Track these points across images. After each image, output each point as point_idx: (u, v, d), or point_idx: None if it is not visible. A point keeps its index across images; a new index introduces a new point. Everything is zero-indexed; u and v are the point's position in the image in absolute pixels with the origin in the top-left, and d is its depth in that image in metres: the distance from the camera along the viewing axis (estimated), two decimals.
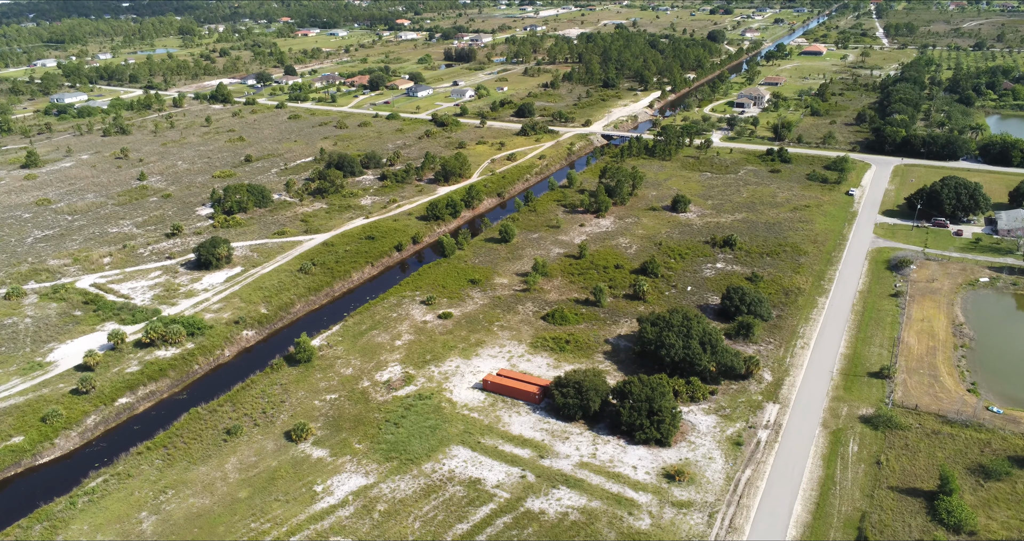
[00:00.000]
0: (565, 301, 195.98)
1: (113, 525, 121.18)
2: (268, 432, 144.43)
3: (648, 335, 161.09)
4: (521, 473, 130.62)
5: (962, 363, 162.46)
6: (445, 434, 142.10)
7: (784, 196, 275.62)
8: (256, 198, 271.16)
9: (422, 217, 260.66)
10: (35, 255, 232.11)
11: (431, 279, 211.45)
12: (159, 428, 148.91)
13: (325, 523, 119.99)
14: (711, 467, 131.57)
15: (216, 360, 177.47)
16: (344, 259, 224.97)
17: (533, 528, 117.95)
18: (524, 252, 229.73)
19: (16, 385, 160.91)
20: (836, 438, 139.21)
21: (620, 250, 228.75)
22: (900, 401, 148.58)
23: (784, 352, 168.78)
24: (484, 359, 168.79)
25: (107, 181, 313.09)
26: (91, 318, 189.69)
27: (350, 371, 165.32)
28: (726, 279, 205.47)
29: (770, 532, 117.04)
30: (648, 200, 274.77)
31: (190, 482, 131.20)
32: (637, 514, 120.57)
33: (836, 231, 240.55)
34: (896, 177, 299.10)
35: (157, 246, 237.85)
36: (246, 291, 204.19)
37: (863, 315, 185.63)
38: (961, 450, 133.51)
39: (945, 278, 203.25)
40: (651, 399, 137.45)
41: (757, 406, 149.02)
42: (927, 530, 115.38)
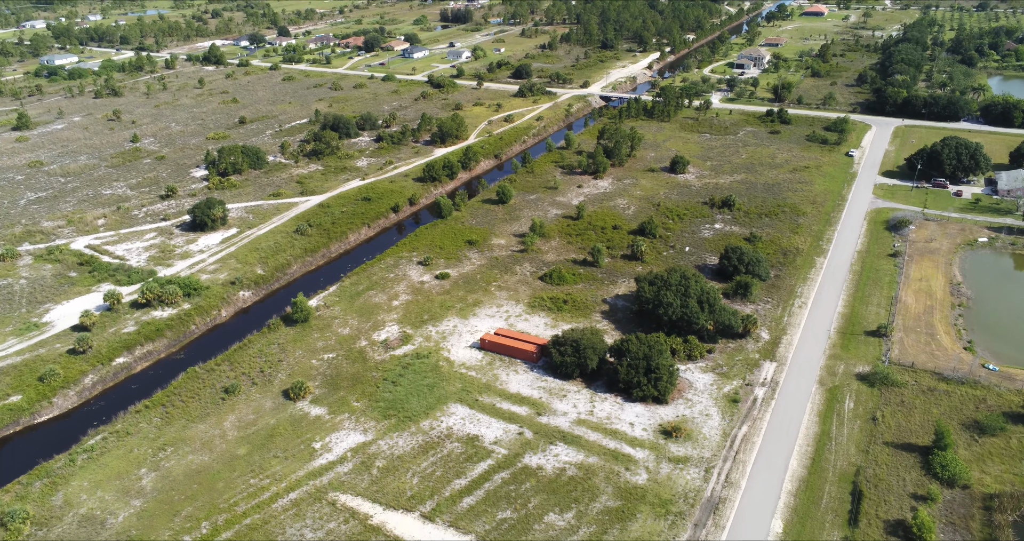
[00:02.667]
0: (563, 262, 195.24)
1: (113, 481, 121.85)
2: (266, 391, 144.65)
3: (646, 294, 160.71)
4: (519, 430, 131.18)
5: (959, 322, 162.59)
6: (443, 392, 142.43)
7: (783, 157, 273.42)
8: (251, 160, 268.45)
9: (419, 179, 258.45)
10: (28, 217, 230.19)
11: (428, 240, 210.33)
12: (157, 387, 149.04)
13: (324, 479, 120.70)
14: (708, 424, 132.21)
15: (213, 320, 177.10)
16: (340, 220, 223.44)
17: (531, 483, 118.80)
18: (522, 213, 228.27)
19: (12, 345, 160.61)
20: (832, 395, 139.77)
21: (618, 211, 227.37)
22: (897, 359, 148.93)
23: (782, 311, 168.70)
24: (482, 319, 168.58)
25: (100, 143, 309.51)
26: (86, 279, 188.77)
27: (347, 331, 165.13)
28: (724, 239, 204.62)
29: (766, 486, 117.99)
30: (646, 161, 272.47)
31: (189, 440, 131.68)
32: (634, 469, 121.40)
33: (835, 192, 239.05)
34: (896, 138, 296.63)
35: (151, 208, 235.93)
36: (242, 252, 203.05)
37: (861, 275, 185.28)
38: (956, 406, 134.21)
39: (944, 238, 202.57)
40: (648, 357, 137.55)
41: (754, 364, 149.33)
42: (921, 484, 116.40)
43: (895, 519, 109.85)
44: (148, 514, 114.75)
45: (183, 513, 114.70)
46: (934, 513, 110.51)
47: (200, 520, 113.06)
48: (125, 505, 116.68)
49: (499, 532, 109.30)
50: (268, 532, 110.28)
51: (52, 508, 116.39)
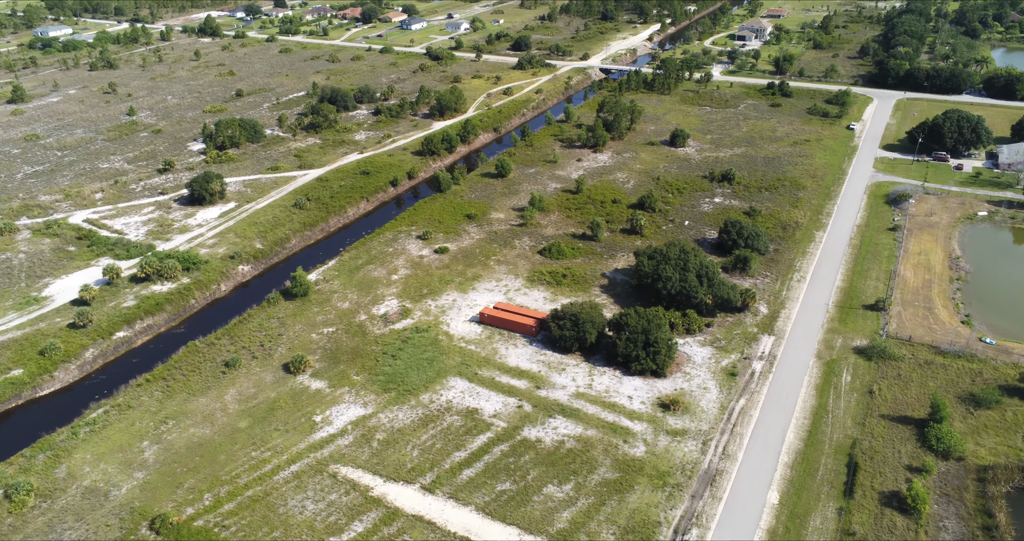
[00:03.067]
0: (562, 236, 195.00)
1: (115, 454, 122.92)
2: (266, 364, 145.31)
3: (645, 268, 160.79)
4: (518, 403, 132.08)
5: (957, 296, 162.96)
6: (442, 366, 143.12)
7: (784, 130, 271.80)
8: (248, 133, 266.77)
9: (417, 152, 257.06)
10: (26, 191, 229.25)
11: (427, 214, 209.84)
12: (157, 361, 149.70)
13: (325, 451, 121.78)
14: (706, 397, 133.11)
15: (212, 295, 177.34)
16: (339, 194, 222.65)
17: (530, 455, 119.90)
18: (521, 187, 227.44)
19: (12, 319, 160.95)
20: (830, 368, 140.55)
21: (617, 185, 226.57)
22: (894, 333, 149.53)
23: (780, 285, 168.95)
24: (481, 293, 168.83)
25: (96, 116, 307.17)
26: (85, 253, 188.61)
27: (347, 305, 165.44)
28: (724, 213, 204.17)
29: (762, 459, 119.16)
30: (646, 135, 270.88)
31: (190, 413, 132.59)
32: (632, 442, 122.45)
33: (836, 165, 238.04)
34: (898, 111, 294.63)
35: (149, 182, 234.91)
36: (240, 226, 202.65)
37: (860, 249, 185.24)
38: (953, 380, 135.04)
39: (944, 212, 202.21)
40: (647, 331, 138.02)
41: (752, 338, 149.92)
42: (916, 456, 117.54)
43: (890, 490, 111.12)
44: (151, 486, 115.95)
45: (186, 485, 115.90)
46: (928, 485, 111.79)
47: (202, 492, 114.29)
48: (128, 477, 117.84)
49: (498, 503, 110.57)
50: (270, 504, 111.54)
51: (56, 480, 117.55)
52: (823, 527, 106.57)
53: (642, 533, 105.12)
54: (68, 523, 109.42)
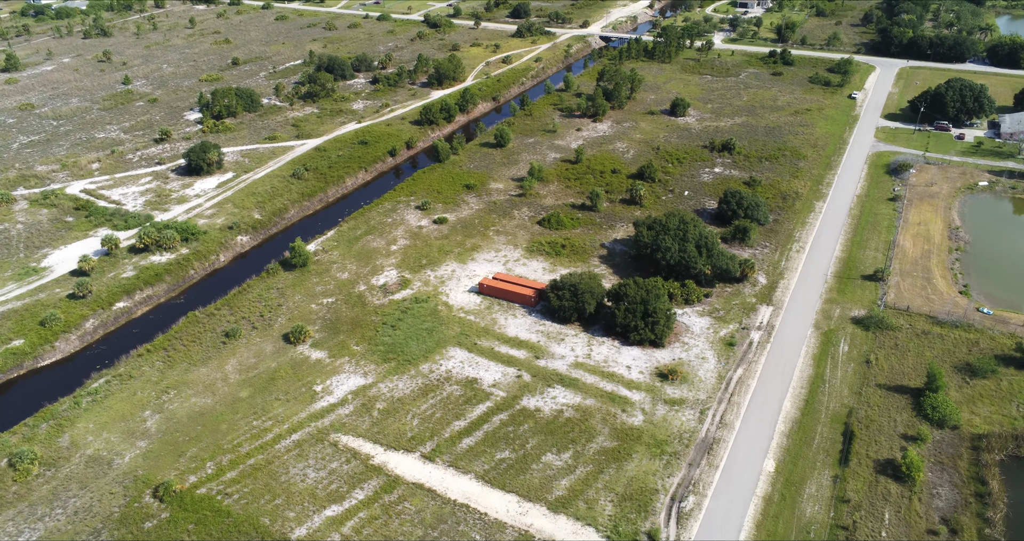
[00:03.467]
0: (561, 206, 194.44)
1: (118, 423, 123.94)
2: (266, 335, 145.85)
3: (644, 239, 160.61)
4: (517, 373, 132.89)
5: (956, 266, 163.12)
6: (442, 336, 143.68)
7: (785, 99, 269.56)
8: (245, 102, 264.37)
9: (415, 121, 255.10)
10: (22, 161, 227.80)
11: (425, 184, 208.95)
12: (158, 331, 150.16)
13: (325, 421, 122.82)
14: (704, 367, 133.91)
15: (211, 265, 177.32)
16: (337, 164, 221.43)
17: (529, 425, 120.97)
18: (520, 157, 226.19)
19: (12, 290, 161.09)
20: (827, 339, 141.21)
21: (617, 154, 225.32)
22: (892, 303, 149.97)
23: (779, 256, 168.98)
24: (480, 263, 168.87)
25: (91, 85, 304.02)
26: (83, 224, 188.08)
27: (346, 275, 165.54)
28: (724, 183, 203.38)
29: (759, 427, 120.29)
30: (646, 104, 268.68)
31: (191, 383, 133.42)
32: (630, 411, 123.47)
33: (837, 135, 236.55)
34: (900, 80, 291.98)
35: (146, 151, 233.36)
36: (239, 196, 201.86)
37: (860, 219, 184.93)
38: (949, 349, 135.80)
39: (944, 182, 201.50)
40: (646, 301, 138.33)
41: (751, 308, 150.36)
42: (912, 425, 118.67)
43: (885, 458, 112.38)
44: (154, 455, 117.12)
45: (188, 454, 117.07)
46: (923, 453, 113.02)
47: (205, 460, 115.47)
48: (131, 446, 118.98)
49: (498, 471, 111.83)
50: (272, 472, 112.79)
51: (59, 449, 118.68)
52: (818, 494, 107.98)
53: (640, 500, 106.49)
54: (72, 491, 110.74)
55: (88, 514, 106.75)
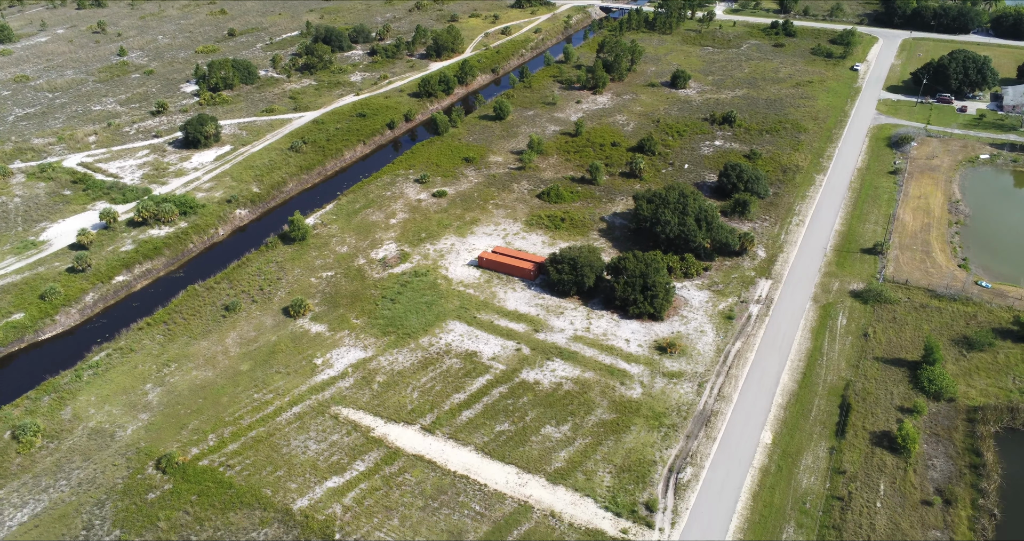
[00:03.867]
0: (561, 179, 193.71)
1: (119, 396, 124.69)
2: (266, 308, 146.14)
3: (644, 212, 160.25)
4: (516, 346, 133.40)
5: (955, 239, 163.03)
6: (441, 310, 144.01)
7: (787, 71, 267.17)
8: (242, 74, 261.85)
9: (414, 94, 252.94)
10: (18, 134, 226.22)
11: (424, 157, 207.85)
12: (158, 305, 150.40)
13: (326, 394, 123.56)
14: (702, 340, 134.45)
15: (210, 239, 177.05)
16: (335, 137, 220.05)
17: (528, 397, 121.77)
18: (519, 130, 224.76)
19: (11, 263, 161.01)
20: (826, 312, 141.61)
21: (617, 127, 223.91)
22: (891, 276, 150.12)
23: (779, 229, 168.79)
24: (479, 237, 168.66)
25: (86, 57, 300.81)
26: (81, 197, 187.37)
27: (345, 249, 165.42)
28: (724, 156, 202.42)
29: (757, 400, 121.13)
30: (647, 76, 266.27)
31: (192, 356, 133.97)
32: (629, 384, 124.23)
33: (838, 108, 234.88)
34: (903, 51, 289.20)
35: (142, 124, 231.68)
36: (237, 170, 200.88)
37: (860, 192, 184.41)
38: (947, 323, 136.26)
39: (945, 155, 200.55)
40: (645, 275, 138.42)
41: (750, 282, 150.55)
42: (908, 397, 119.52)
43: (881, 430, 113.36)
44: (156, 427, 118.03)
45: (190, 426, 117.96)
46: (919, 425, 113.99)
47: (207, 433, 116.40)
48: (133, 419, 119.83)
49: (497, 443, 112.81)
50: (273, 444, 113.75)
51: (62, 422, 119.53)
52: (814, 466, 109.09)
53: (638, 472, 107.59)
54: (76, 463, 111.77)
55: (92, 485, 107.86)
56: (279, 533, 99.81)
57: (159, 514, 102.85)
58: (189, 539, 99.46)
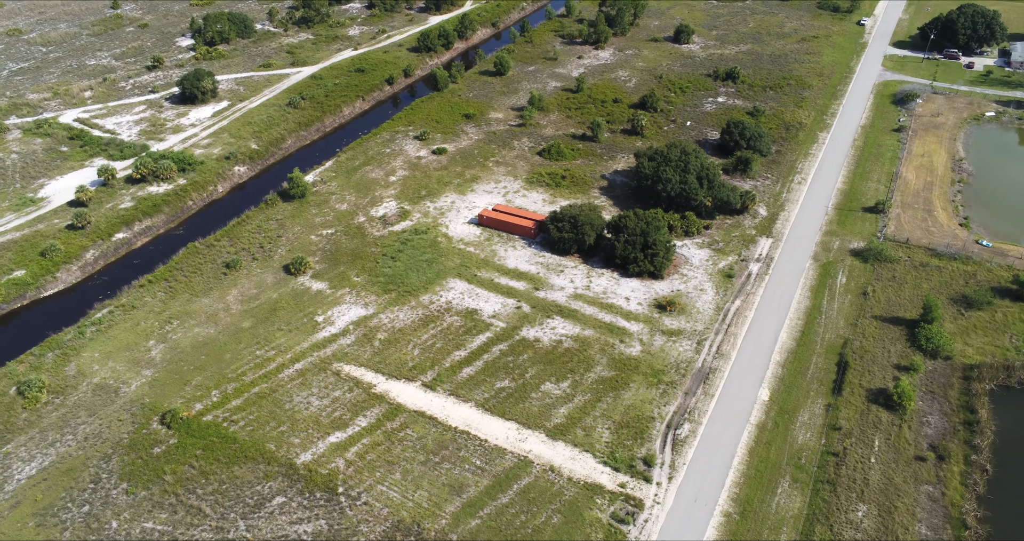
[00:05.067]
0: (562, 136, 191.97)
1: (123, 353, 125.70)
2: (267, 266, 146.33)
3: (645, 170, 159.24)
4: (516, 304, 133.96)
5: (957, 198, 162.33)
6: (442, 267, 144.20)
7: (792, 26, 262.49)
8: (238, 28, 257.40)
9: (413, 48, 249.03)
10: (12, 89, 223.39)
11: (424, 113, 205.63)
12: (158, 262, 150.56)
13: (328, 350, 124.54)
14: (702, 298, 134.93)
15: (209, 196, 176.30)
16: (334, 93, 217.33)
17: (528, 354, 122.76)
18: (520, 85, 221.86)
19: (11, 221, 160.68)
20: (826, 271, 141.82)
21: (619, 83, 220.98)
22: (892, 235, 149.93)
23: (781, 187, 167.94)
24: (479, 194, 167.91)
25: (78, 9, 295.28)
26: (78, 154, 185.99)
27: (345, 206, 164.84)
28: (727, 113, 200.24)
29: (755, 358, 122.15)
30: (650, 30, 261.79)
31: (194, 313, 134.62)
32: (628, 342, 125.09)
33: (843, 63, 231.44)
34: (911, 5, 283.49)
35: (138, 79, 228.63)
36: (235, 126, 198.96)
37: (863, 150, 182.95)
38: (947, 281, 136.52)
39: (950, 112, 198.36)
40: (646, 233, 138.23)
41: (750, 240, 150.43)
42: (905, 355, 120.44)
43: (877, 388, 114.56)
44: (160, 383, 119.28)
45: (193, 382, 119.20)
46: (915, 382, 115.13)
47: (210, 389, 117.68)
48: (137, 375, 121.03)
49: (497, 400, 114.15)
50: (276, 400, 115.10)
51: (66, 378, 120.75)
52: (810, 422, 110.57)
53: (636, 428, 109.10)
54: (81, 418, 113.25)
55: (98, 440, 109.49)
56: (283, 486, 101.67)
57: (165, 468, 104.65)
58: (195, 492, 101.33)
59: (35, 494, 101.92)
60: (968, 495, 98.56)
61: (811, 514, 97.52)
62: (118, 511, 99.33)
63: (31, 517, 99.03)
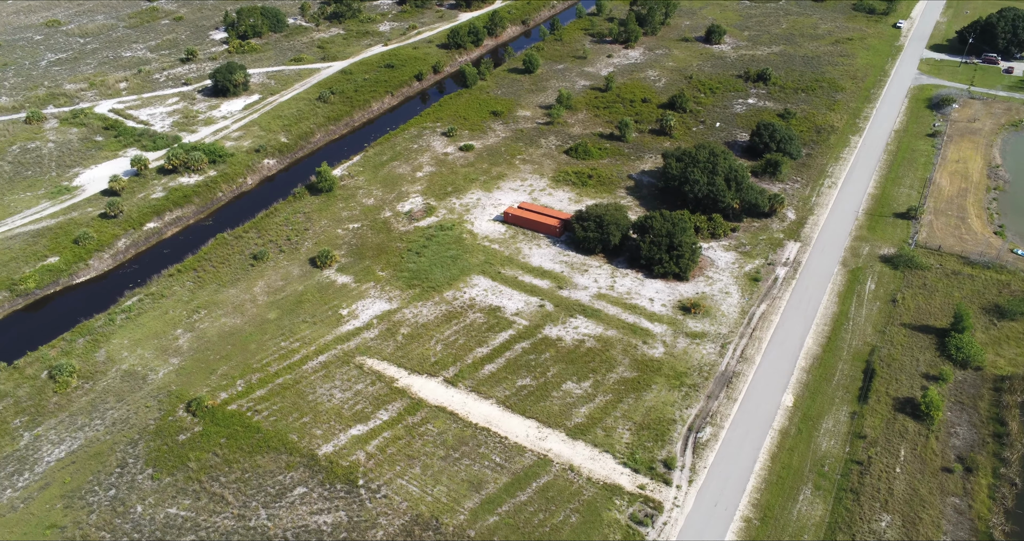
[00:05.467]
0: (589, 135, 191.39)
1: (151, 340, 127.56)
2: (293, 258, 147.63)
3: (672, 171, 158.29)
4: (540, 303, 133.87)
5: (992, 205, 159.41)
6: (466, 264, 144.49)
7: (826, 28, 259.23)
8: (271, 22, 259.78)
9: (443, 45, 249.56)
10: (51, 79, 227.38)
11: (452, 110, 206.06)
12: (187, 252, 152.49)
13: (351, 344, 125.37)
14: (727, 301, 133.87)
15: (239, 188, 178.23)
16: (363, 88, 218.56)
17: (550, 353, 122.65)
18: (548, 83, 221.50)
19: (46, 208, 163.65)
20: (854, 276, 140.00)
21: (648, 83, 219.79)
22: (924, 242, 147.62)
23: (810, 191, 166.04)
24: (505, 192, 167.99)
25: (115, 2, 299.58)
26: (112, 144, 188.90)
27: (372, 201, 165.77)
28: (757, 115, 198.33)
29: (780, 363, 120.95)
30: (680, 30, 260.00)
31: (221, 303, 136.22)
32: (651, 343, 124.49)
33: (878, 66, 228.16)
34: (950, 8, 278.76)
35: (172, 71, 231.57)
36: (265, 119, 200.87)
37: (896, 155, 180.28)
38: (979, 290, 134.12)
39: (987, 118, 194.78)
40: (671, 234, 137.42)
41: (778, 244, 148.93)
42: (935, 364, 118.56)
43: (904, 397, 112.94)
44: (186, 371, 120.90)
45: (219, 371, 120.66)
46: (944, 392, 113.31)
47: (235, 378, 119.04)
48: (164, 362, 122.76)
49: (518, 398, 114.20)
50: (299, 391, 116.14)
51: (96, 363, 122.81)
52: (835, 429, 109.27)
53: (657, 429, 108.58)
54: (110, 403, 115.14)
55: (125, 425, 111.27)
56: (304, 477, 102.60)
57: (189, 455, 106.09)
58: (218, 480, 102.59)
59: (64, 476, 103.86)
60: (996, 509, 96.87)
61: (833, 522, 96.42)
62: (143, 496, 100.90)
63: (59, 499, 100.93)
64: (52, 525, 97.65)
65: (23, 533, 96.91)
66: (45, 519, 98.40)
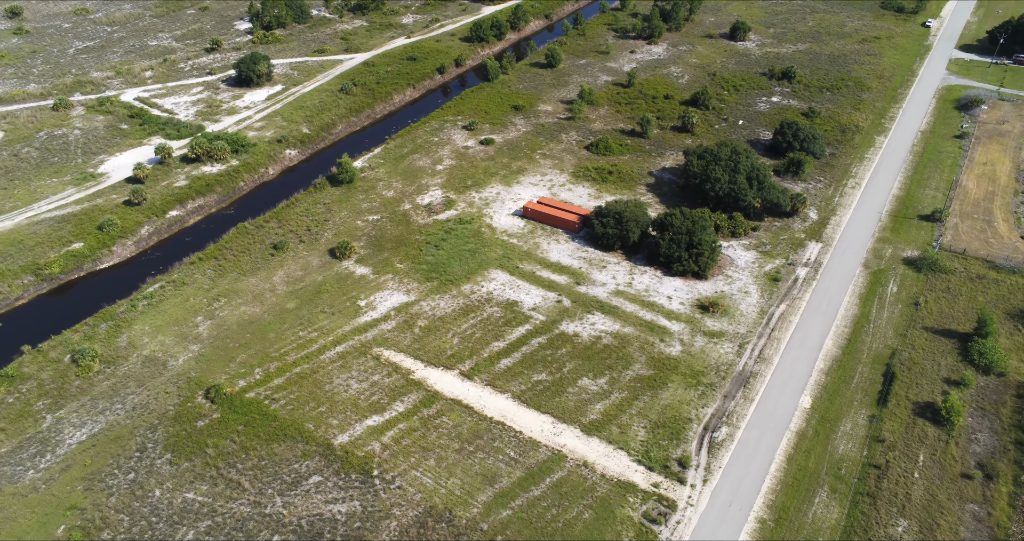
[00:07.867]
0: (610, 131, 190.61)
1: (172, 327, 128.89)
2: (313, 248, 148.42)
3: (694, 168, 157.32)
4: (557, 298, 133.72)
5: (1020, 209, 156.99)
6: (484, 258, 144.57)
7: (853, 26, 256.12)
8: (295, 13, 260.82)
9: (465, 38, 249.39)
10: (78, 67, 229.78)
11: (473, 104, 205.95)
12: (209, 241, 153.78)
13: (368, 335, 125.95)
14: (746, 300, 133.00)
15: (260, 178, 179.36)
16: (385, 80, 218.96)
17: (567, 349, 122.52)
18: (570, 79, 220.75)
19: (71, 194, 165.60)
20: (876, 278, 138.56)
21: (671, 79, 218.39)
22: (948, 245, 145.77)
23: (833, 191, 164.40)
24: (525, 187, 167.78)
25: None
26: (137, 132, 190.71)
27: (392, 193, 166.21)
28: (781, 113, 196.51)
29: (798, 364, 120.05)
30: (705, 26, 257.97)
31: (241, 292, 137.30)
32: (668, 341, 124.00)
33: (905, 66, 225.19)
34: (981, 7, 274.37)
35: (197, 61, 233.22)
36: (287, 110, 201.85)
37: (922, 156, 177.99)
38: (1004, 295, 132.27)
39: (1017, 120, 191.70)
40: (691, 232, 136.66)
41: (799, 244, 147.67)
42: (956, 369, 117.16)
43: (925, 401, 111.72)
44: (206, 358, 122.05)
45: (238, 359, 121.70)
46: (965, 398, 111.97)
47: (254, 366, 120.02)
48: (184, 349, 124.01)
49: (534, 393, 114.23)
50: (316, 381, 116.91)
51: (118, 349, 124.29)
52: (853, 433, 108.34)
53: (672, 428, 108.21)
54: (131, 388, 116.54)
55: (145, 410, 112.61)
56: (320, 466, 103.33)
57: (207, 441, 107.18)
58: (235, 466, 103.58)
59: (84, 459, 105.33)
60: (1016, 517, 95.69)
61: (849, 526, 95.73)
62: (161, 480, 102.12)
63: (80, 481, 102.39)
64: (72, 506, 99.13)
65: (44, 514, 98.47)
66: (66, 500, 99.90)
